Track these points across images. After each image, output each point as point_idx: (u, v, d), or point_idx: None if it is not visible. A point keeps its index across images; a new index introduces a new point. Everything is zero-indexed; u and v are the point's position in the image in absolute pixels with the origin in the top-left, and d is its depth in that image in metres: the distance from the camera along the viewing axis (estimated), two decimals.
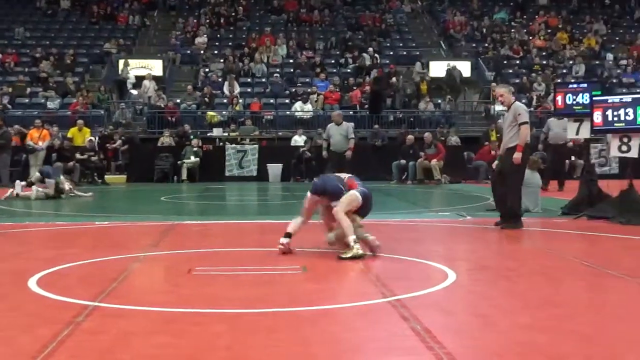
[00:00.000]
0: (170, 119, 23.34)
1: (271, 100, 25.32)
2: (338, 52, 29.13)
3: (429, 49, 29.91)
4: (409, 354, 3.90)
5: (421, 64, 27.16)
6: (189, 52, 28.74)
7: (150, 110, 24.19)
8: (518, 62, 29.02)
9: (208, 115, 23.74)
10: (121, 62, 26.56)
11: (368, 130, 22.98)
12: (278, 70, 27.25)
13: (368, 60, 27.38)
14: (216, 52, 28.87)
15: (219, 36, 30.60)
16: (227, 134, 22.56)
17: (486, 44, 29.92)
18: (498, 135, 20.50)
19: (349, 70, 27.46)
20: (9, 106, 23.68)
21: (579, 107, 10.94)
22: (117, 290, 5.53)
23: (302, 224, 7.38)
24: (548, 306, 4.96)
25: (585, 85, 11.38)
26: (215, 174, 20.92)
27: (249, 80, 26.69)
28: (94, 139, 20.59)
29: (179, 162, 20.72)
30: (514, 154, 9.16)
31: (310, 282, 5.96)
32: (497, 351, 3.91)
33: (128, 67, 26.10)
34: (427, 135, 20.40)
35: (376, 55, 27.97)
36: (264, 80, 26.68)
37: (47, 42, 29.00)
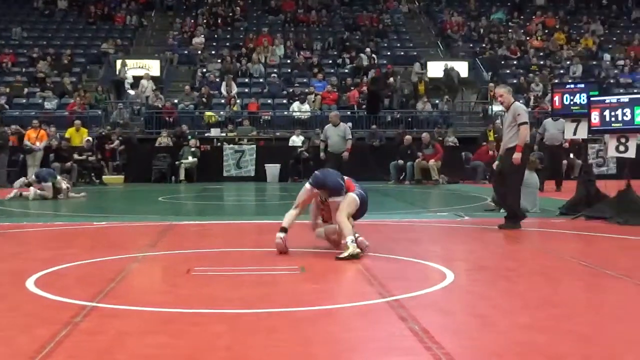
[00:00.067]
0: (167, 119, 23.34)
1: (269, 100, 25.31)
2: (335, 53, 29.13)
3: (427, 50, 29.90)
4: (407, 354, 3.90)
5: (420, 65, 27.15)
6: (186, 52, 28.73)
7: (148, 110, 24.19)
8: (515, 62, 29.01)
9: (206, 115, 23.74)
10: (119, 63, 26.53)
11: (366, 131, 23.00)
12: (275, 70, 27.24)
13: (365, 60, 27.37)
14: (214, 52, 28.86)
15: (216, 36, 30.59)
16: (225, 134, 22.56)
17: (483, 45, 29.92)
18: (496, 136, 20.56)
19: (346, 71, 27.44)
20: (7, 106, 23.66)
21: (576, 108, 10.95)
22: (116, 290, 5.53)
23: (296, 216, 7.40)
24: (547, 306, 4.96)
25: (582, 86, 11.39)
26: (213, 174, 20.93)
27: (246, 80, 26.69)
28: (91, 139, 20.58)
29: (176, 163, 20.72)
30: (514, 154, 9.18)
31: (308, 283, 5.96)
32: (496, 351, 3.91)
33: (125, 68, 26.07)
34: (424, 136, 20.42)
35: (374, 55, 27.96)
36: (261, 80, 26.67)
37: (45, 42, 28.98)
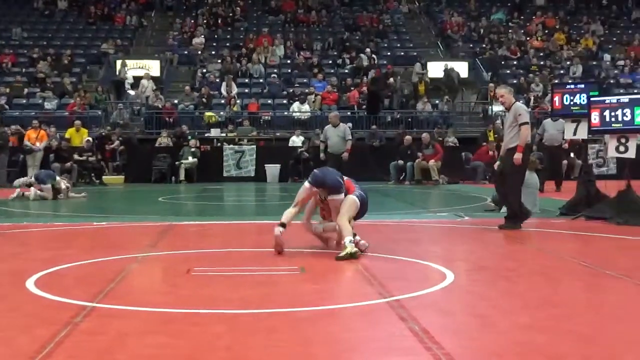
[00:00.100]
0: (167, 120, 23.34)
1: (269, 100, 25.31)
2: (335, 53, 29.13)
3: (427, 50, 29.90)
4: (407, 354, 3.90)
5: (421, 65, 27.14)
6: (186, 52, 28.73)
7: (148, 110, 24.20)
8: (515, 62, 29.01)
9: (206, 115, 23.74)
10: (119, 63, 26.54)
11: (366, 131, 23.00)
12: (275, 70, 27.24)
13: (365, 60, 27.37)
14: (214, 52, 28.86)
15: (216, 37, 30.59)
16: (225, 135, 22.56)
17: (484, 45, 29.91)
18: (496, 136, 20.56)
19: (346, 71, 27.44)
20: (7, 107, 23.66)
21: (576, 108, 10.95)
22: (116, 290, 5.53)
23: (295, 214, 7.41)
24: (547, 306, 4.96)
25: (582, 86, 11.39)
26: (213, 175, 20.93)
27: (246, 80, 26.69)
28: (91, 139, 20.58)
29: (176, 163, 20.72)
30: (515, 154, 9.18)
31: (308, 283, 5.96)
32: (496, 351, 3.91)
33: (125, 68, 26.08)
34: (424, 136, 20.42)
35: (374, 55, 27.96)
36: (261, 80, 26.67)
37: (45, 43, 28.97)
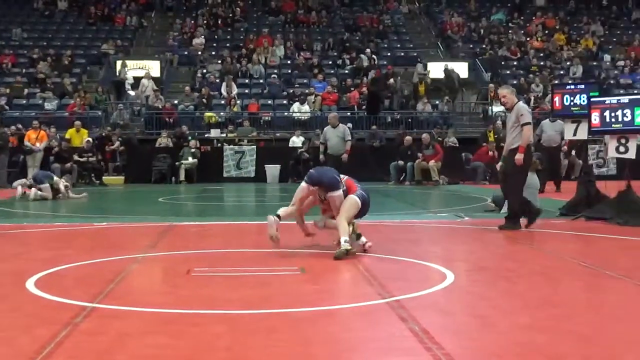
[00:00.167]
0: (167, 120, 23.34)
1: (269, 101, 25.32)
2: (335, 53, 29.13)
3: (427, 50, 29.92)
4: (407, 354, 3.90)
5: (423, 66, 27.13)
6: (186, 53, 28.73)
7: (148, 111, 24.20)
8: (515, 63, 29.01)
9: (206, 115, 23.75)
10: (119, 63, 26.54)
11: (366, 131, 23.01)
12: (276, 71, 27.24)
13: (365, 61, 27.37)
14: (214, 53, 28.86)
15: (216, 37, 30.59)
16: (225, 135, 22.56)
17: (484, 45, 29.91)
18: (496, 136, 20.56)
19: (346, 72, 27.44)
20: (7, 107, 23.67)
21: (576, 109, 10.95)
22: (116, 291, 5.53)
23: (292, 212, 7.47)
24: (547, 306, 4.96)
25: (582, 87, 11.40)
26: (213, 175, 20.94)
27: (246, 81, 26.70)
28: (91, 140, 20.58)
29: (176, 163, 20.72)
30: (516, 154, 9.16)
31: (308, 283, 5.96)
32: (496, 352, 3.91)
33: (126, 68, 26.08)
34: (424, 136, 20.41)
35: (374, 56, 27.96)
36: (261, 81, 26.67)
37: (45, 43, 28.97)
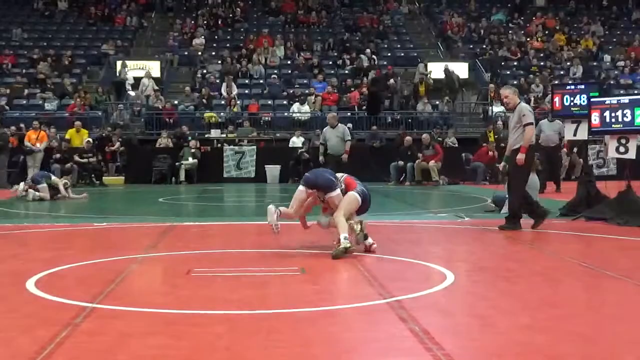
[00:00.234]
0: (168, 121, 23.34)
1: (269, 101, 25.32)
2: (336, 54, 29.12)
3: (427, 51, 29.92)
4: (407, 355, 3.90)
5: (425, 66, 27.13)
6: (186, 53, 28.73)
7: (148, 111, 24.21)
8: (515, 63, 29.01)
9: (206, 116, 23.75)
10: (119, 64, 26.53)
11: (366, 132, 23.02)
12: (276, 71, 27.23)
13: (366, 61, 27.37)
14: (214, 53, 28.86)
15: (216, 37, 30.59)
16: (225, 136, 22.55)
17: (484, 46, 29.92)
18: (496, 137, 20.56)
19: (346, 72, 27.44)
20: (7, 107, 23.67)
21: (576, 109, 10.94)
22: (116, 291, 5.53)
23: (291, 214, 7.49)
24: (547, 307, 4.96)
25: (582, 87, 11.38)
26: (213, 176, 20.93)
27: (246, 81, 26.70)
28: (91, 140, 20.57)
29: (176, 164, 20.71)
30: (518, 154, 9.15)
31: (309, 284, 5.96)
32: (496, 352, 3.92)
33: (126, 69, 26.07)
34: (425, 137, 20.40)
35: (374, 56, 27.97)
36: (261, 81, 26.68)
37: (45, 44, 28.97)
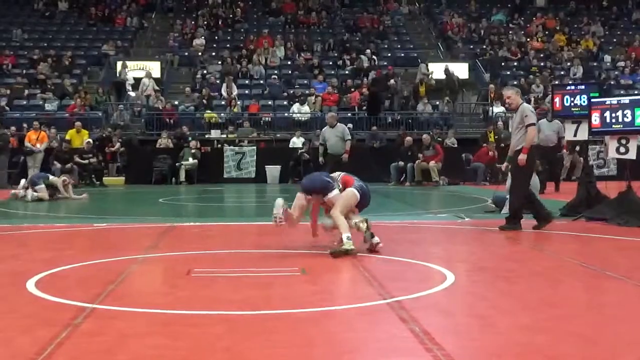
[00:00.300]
0: (168, 121, 23.35)
1: (269, 102, 25.33)
2: (336, 54, 29.13)
3: (427, 51, 29.94)
4: (408, 355, 3.90)
5: (426, 66, 27.11)
6: (186, 54, 28.74)
7: (148, 112, 24.22)
8: (516, 63, 29.01)
9: (206, 116, 23.75)
10: (119, 64, 26.55)
11: (366, 132, 23.02)
12: (276, 72, 27.24)
13: (366, 62, 27.38)
14: (214, 54, 28.86)
15: (216, 38, 30.60)
16: (225, 136, 22.55)
17: (484, 46, 29.93)
18: (496, 137, 20.56)
19: (346, 72, 27.45)
20: (7, 108, 23.67)
21: (576, 109, 10.96)
22: (116, 292, 5.53)
23: (294, 218, 7.53)
24: (547, 307, 4.96)
25: (583, 87, 11.40)
26: (214, 176, 20.94)
27: (246, 82, 26.71)
28: (91, 140, 20.58)
29: (177, 164, 20.72)
30: (519, 155, 9.15)
31: (309, 284, 5.96)
32: (496, 352, 3.91)
33: (126, 69, 26.09)
34: (425, 137, 20.40)
35: (374, 57, 27.98)
36: (261, 82, 26.69)
37: (45, 44, 28.98)
